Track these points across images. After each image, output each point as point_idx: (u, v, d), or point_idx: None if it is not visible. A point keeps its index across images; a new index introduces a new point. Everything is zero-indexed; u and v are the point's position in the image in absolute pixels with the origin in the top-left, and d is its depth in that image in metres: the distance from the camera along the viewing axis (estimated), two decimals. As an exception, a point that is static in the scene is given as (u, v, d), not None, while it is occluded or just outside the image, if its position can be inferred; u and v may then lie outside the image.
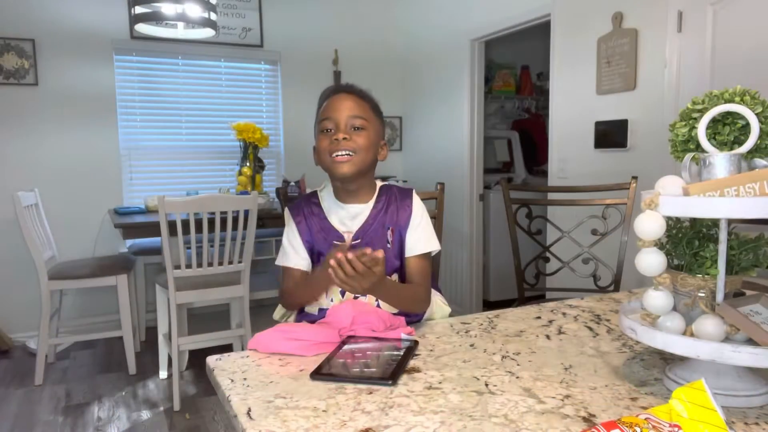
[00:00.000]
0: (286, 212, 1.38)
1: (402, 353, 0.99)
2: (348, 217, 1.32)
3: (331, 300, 1.28)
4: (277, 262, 1.38)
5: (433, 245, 1.35)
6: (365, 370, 0.91)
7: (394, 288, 1.25)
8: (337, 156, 1.26)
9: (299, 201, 1.38)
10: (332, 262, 1.08)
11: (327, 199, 1.35)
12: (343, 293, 1.28)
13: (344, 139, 1.25)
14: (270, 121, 4.33)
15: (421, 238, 1.33)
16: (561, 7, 3.05)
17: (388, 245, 1.30)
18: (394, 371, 0.90)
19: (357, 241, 1.29)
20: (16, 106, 3.55)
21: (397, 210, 1.33)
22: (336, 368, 0.92)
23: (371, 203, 1.33)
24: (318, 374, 0.90)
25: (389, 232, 1.31)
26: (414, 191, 1.39)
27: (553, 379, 0.89)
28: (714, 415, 0.60)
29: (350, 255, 1.07)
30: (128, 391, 2.88)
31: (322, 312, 1.27)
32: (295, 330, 1.05)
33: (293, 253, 1.34)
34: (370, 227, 1.30)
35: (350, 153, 1.26)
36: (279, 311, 1.42)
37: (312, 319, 1.28)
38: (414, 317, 1.27)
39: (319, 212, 1.34)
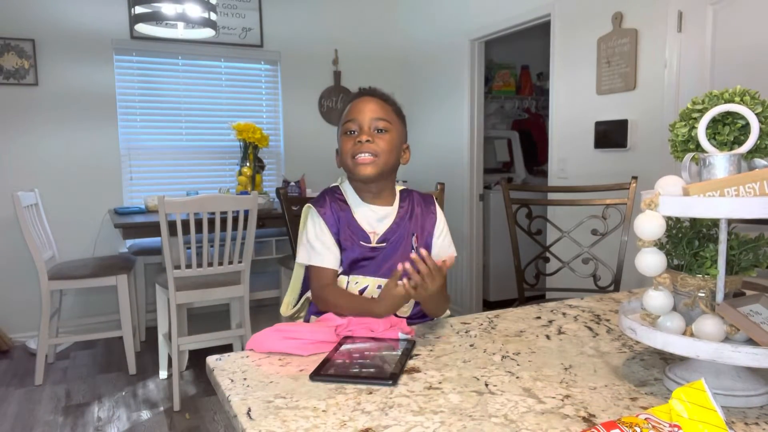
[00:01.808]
0: (308, 208, 1.32)
1: (400, 353, 0.99)
2: (375, 218, 1.31)
3: None
4: (301, 260, 1.30)
5: (454, 250, 1.37)
6: (364, 370, 0.91)
7: (444, 291, 1.20)
8: (359, 158, 1.26)
9: (323, 194, 1.34)
10: (405, 265, 1.06)
11: (350, 195, 1.33)
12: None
13: (367, 141, 1.25)
14: (270, 121, 4.33)
15: (445, 244, 1.36)
16: (561, 7, 3.05)
17: (413, 251, 1.30)
18: (394, 371, 0.90)
19: (382, 245, 1.29)
20: (16, 106, 3.55)
21: (422, 216, 1.34)
22: (335, 369, 0.92)
23: (395, 206, 1.33)
24: (318, 375, 0.89)
25: (414, 239, 1.31)
26: (434, 197, 1.41)
27: (553, 379, 0.89)
28: (714, 415, 0.60)
29: (423, 252, 1.08)
30: (128, 391, 2.88)
31: None
32: (292, 329, 1.05)
33: (325, 251, 1.26)
34: (396, 231, 1.31)
35: (373, 155, 1.26)
36: (285, 308, 1.40)
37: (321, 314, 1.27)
38: (418, 320, 1.27)
39: (347, 208, 1.31)
